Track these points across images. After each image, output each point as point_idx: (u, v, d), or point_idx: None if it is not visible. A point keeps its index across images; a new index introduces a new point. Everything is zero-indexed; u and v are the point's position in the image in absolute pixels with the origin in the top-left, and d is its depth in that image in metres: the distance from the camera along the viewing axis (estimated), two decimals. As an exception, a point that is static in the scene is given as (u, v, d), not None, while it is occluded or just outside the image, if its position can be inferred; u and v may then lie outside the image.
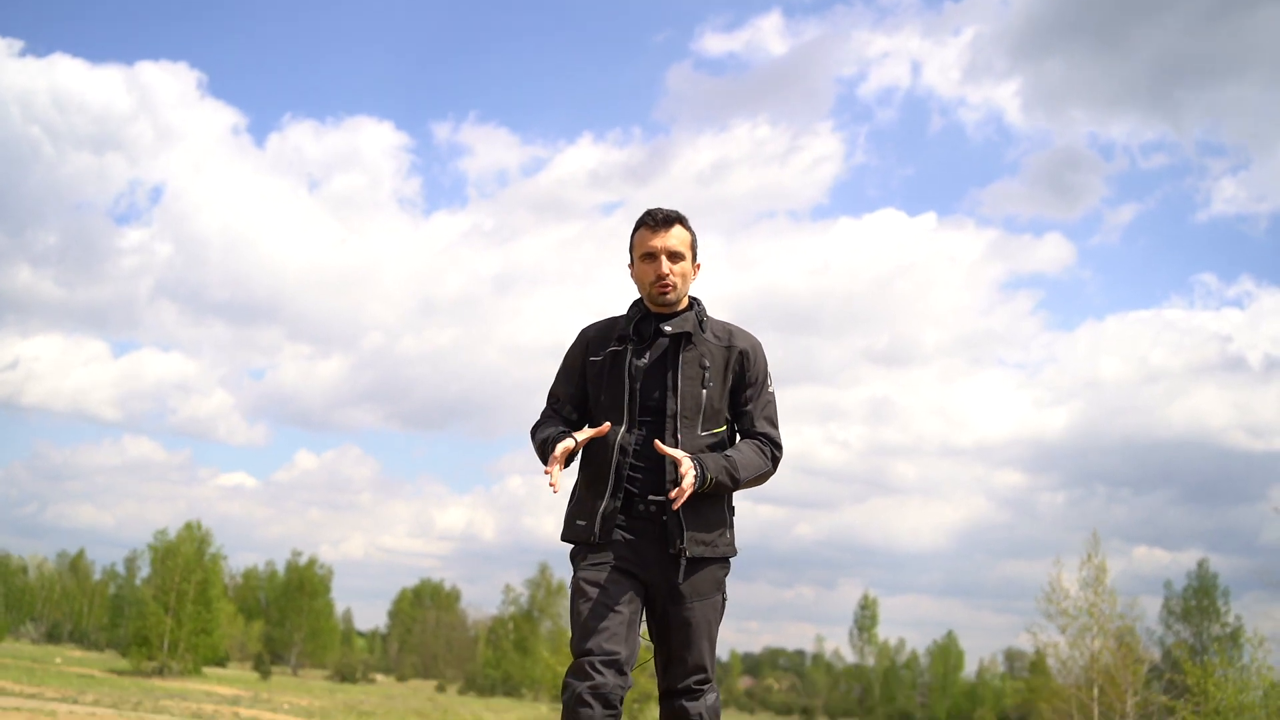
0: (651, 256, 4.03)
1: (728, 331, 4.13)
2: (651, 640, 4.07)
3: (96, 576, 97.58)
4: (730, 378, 4.08)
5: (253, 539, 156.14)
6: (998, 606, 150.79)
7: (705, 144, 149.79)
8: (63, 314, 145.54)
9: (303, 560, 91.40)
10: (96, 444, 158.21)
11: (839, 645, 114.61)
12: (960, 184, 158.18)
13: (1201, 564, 60.33)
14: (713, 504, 4.03)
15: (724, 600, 4.11)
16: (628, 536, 3.97)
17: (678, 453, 3.83)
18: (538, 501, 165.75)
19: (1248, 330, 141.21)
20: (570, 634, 3.96)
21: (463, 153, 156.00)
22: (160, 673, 48.10)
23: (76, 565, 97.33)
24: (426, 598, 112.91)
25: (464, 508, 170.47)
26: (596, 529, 3.94)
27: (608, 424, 4.00)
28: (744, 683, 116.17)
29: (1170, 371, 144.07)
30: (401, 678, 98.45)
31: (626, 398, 3.98)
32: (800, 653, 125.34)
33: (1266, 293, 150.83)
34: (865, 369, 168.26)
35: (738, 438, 4.18)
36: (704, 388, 4.00)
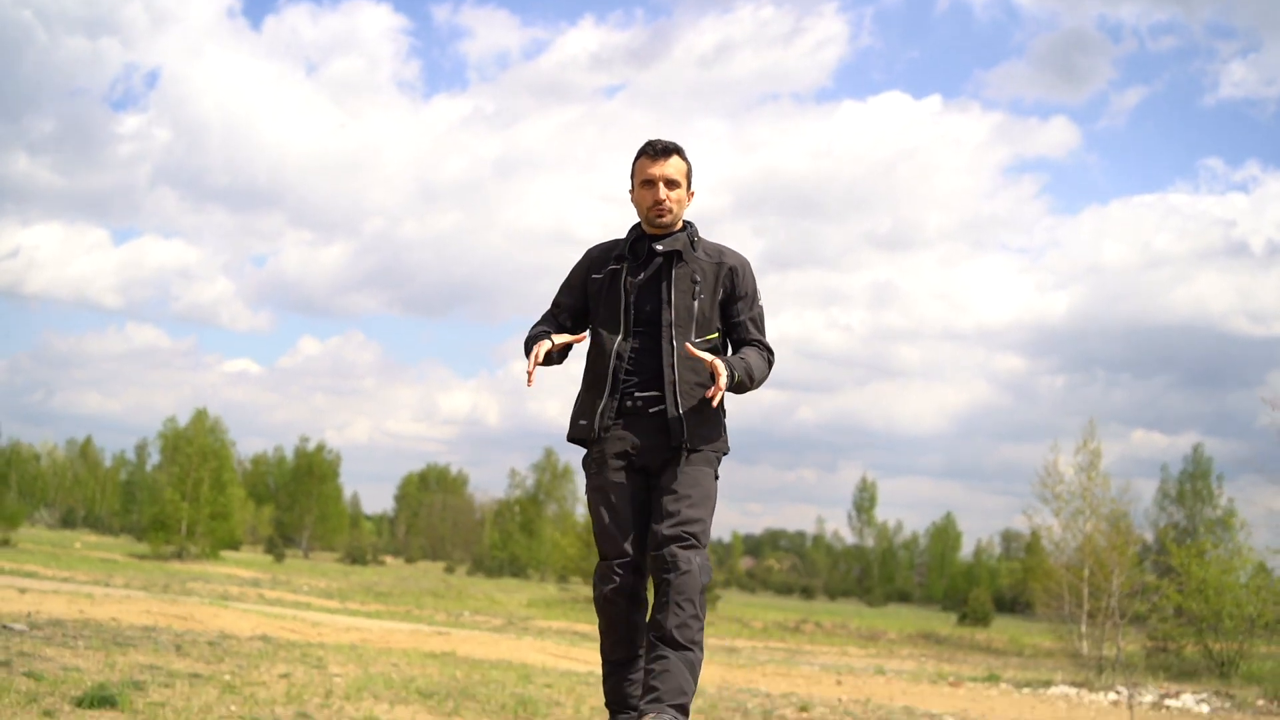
0: (650, 184, 4.43)
1: (718, 250, 4.55)
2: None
3: (106, 464, 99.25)
4: (721, 292, 4.50)
5: (258, 424, 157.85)
6: (996, 489, 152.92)
7: (708, 26, 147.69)
8: (62, 202, 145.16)
9: (311, 446, 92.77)
10: (101, 332, 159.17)
11: (839, 527, 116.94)
12: (965, 66, 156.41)
13: (1197, 448, 61.29)
14: (708, 403, 4.47)
15: (717, 479, 4.56)
16: (630, 434, 4.44)
17: (709, 355, 4.29)
18: (541, 385, 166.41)
19: (1252, 215, 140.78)
20: (595, 536, 4.58)
21: (462, 35, 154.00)
22: (179, 556, 49.59)
23: (86, 452, 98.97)
24: (432, 482, 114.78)
25: (468, 392, 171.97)
26: (596, 426, 4.44)
27: (585, 334, 4.53)
28: (745, 563, 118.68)
29: (1173, 257, 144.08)
30: (410, 560, 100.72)
31: (622, 310, 4.44)
32: (800, 534, 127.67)
33: (1272, 177, 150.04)
34: (868, 253, 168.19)
35: (729, 348, 4.65)
36: (695, 299, 4.43)
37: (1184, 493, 59.88)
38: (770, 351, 4.54)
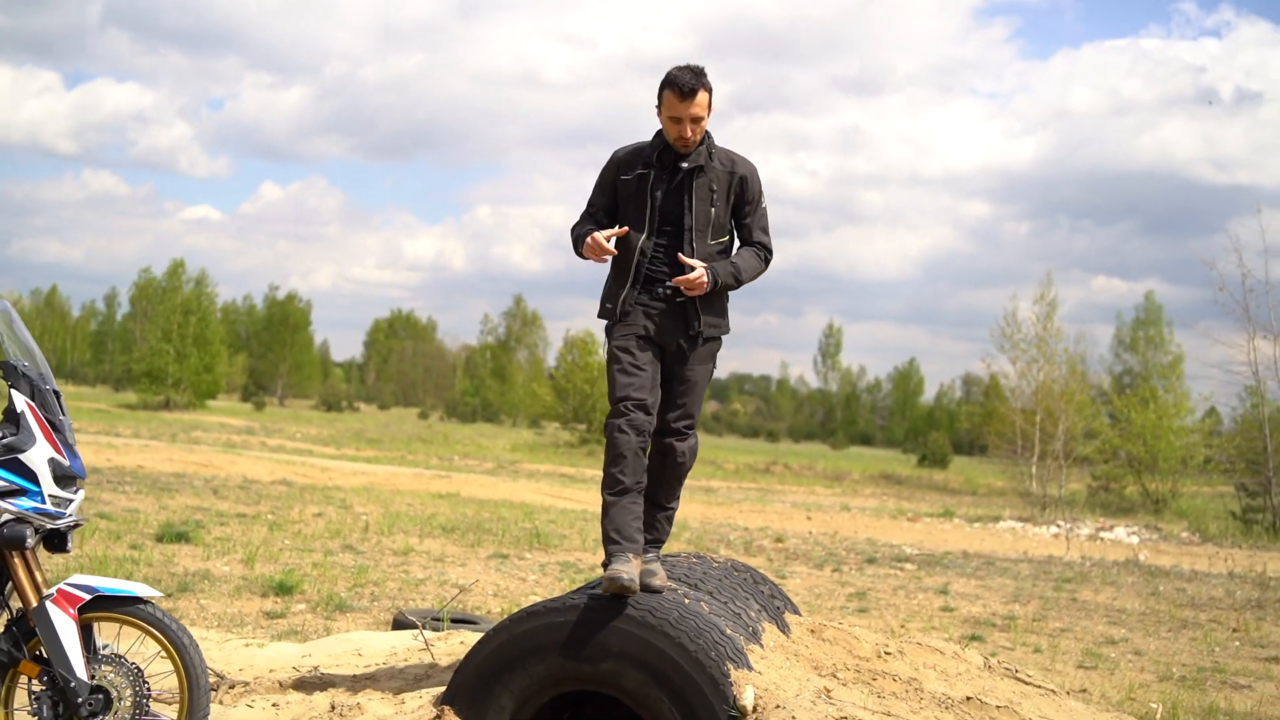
0: (677, 121, 4.81)
1: (730, 159, 4.97)
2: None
3: (74, 313, 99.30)
4: (732, 197, 4.97)
5: (221, 272, 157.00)
6: (958, 334, 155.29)
7: None
8: (9, 44, 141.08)
9: (281, 294, 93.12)
10: (57, 179, 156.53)
11: (803, 371, 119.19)
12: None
13: (1148, 296, 62.59)
14: (720, 295, 5.04)
15: (714, 368, 5.16)
16: (650, 315, 4.93)
17: (695, 261, 4.80)
18: (506, 230, 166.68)
19: (1223, 62, 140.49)
20: (609, 388, 5.13)
21: None
22: (166, 406, 50.94)
23: (52, 302, 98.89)
24: (400, 328, 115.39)
25: (433, 238, 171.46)
26: (618, 310, 4.94)
27: (628, 228, 4.94)
28: (711, 406, 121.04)
29: (1141, 103, 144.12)
30: (384, 406, 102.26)
31: (649, 213, 4.89)
32: (765, 378, 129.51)
33: (1246, 22, 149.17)
34: (835, 97, 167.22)
35: (736, 244, 5.14)
36: (712, 207, 4.90)
37: (1136, 340, 60.41)
38: (767, 250, 5.06)
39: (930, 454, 57.88)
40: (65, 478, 4.47)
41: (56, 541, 4.49)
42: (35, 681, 4.41)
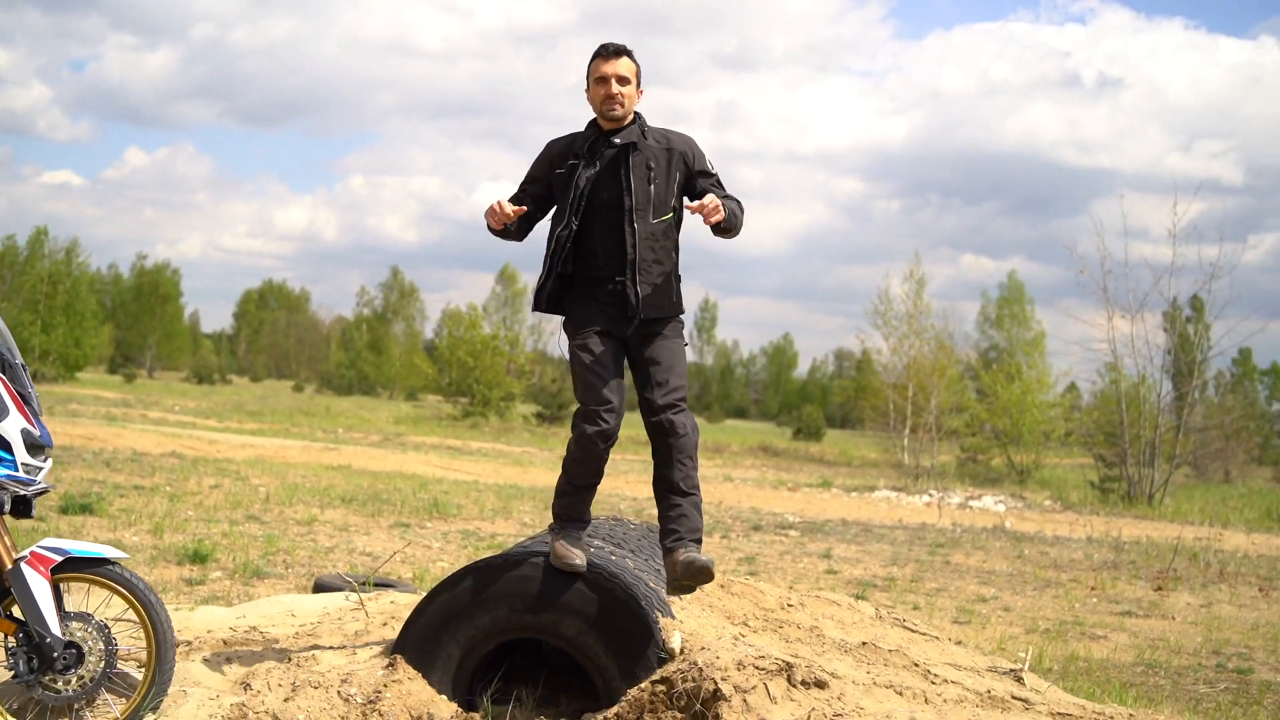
0: (603, 80, 4.81)
1: (665, 136, 4.93)
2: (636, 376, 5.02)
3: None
4: (677, 175, 4.89)
5: (82, 239, 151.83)
6: (831, 309, 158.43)
7: None
8: None
9: (149, 263, 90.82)
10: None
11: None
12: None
13: (1011, 274, 64.90)
14: (666, 274, 4.91)
15: (684, 344, 5.03)
16: (600, 306, 4.87)
17: (707, 198, 4.75)
18: (381, 201, 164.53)
19: (1086, 47, 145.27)
20: (575, 389, 5.14)
21: None
22: (34, 378, 49.45)
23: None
24: (272, 299, 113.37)
25: (305, 207, 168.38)
26: (542, 300, 4.97)
27: (525, 207, 4.91)
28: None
29: (1009, 86, 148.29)
30: (256, 378, 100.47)
31: (573, 203, 4.83)
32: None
33: (1109, 8, 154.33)
34: (713, 72, 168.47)
35: (680, 227, 5.05)
36: (651, 184, 4.81)
37: (1001, 317, 62.28)
38: (738, 203, 4.99)
39: (805, 427, 59.24)
40: (35, 447, 4.74)
41: (21, 508, 4.76)
42: (10, 638, 4.68)
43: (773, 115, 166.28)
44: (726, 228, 4.91)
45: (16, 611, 4.73)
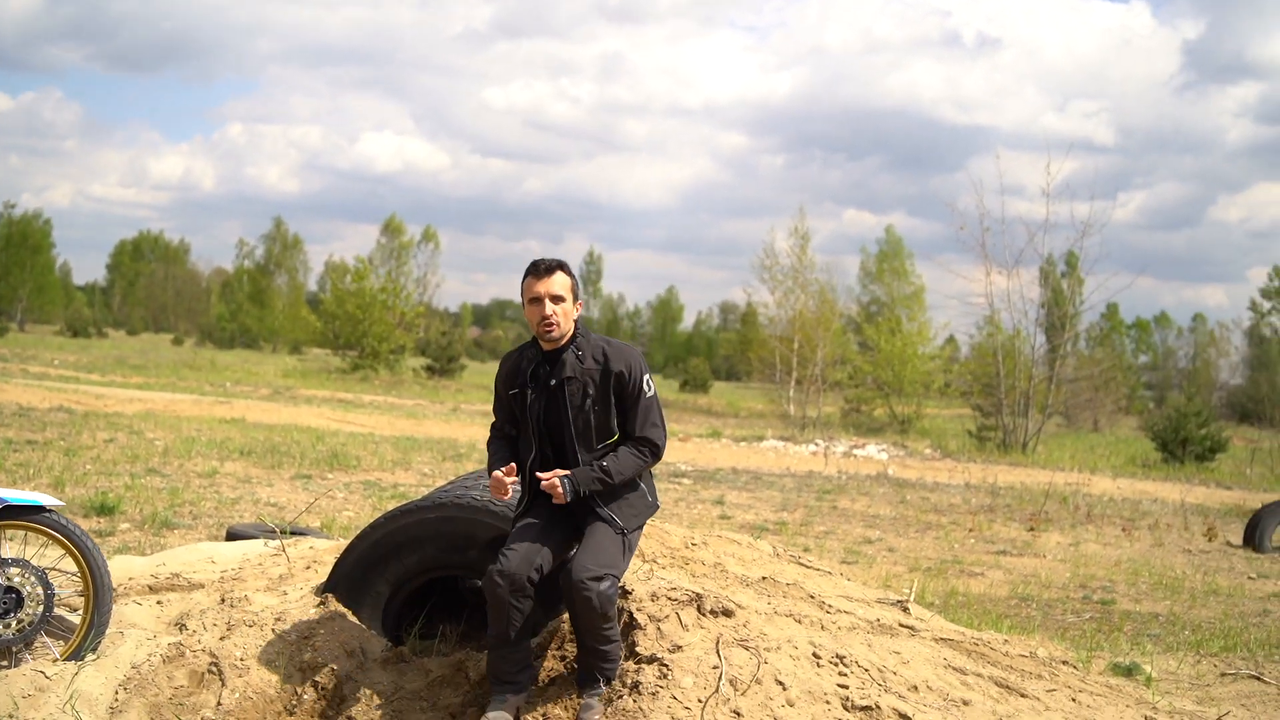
0: (537, 301, 4.66)
1: (604, 354, 4.74)
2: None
3: None
4: (613, 396, 4.72)
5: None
6: (716, 263, 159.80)
7: None
8: None
9: (17, 212, 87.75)
10: None
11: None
12: None
13: (889, 229, 66.09)
14: (621, 491, 4.78)
15: (626, 540, 4.77)
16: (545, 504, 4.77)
17: (548, 475, 4.60)
18: (260, 150, 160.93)
19: (966, 7, 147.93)
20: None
21: None
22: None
23: None
24: (148, 250, 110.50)
25: (181, 156, 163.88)
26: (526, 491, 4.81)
27: (513, 465, 4.74)
28: (472, 333, 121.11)
29: (891, 43, 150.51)
30: (133, 332, 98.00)
31: (532, 429, 4.74)
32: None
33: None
34: (598, 24, 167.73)
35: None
36: (589, 412, 4.68)
37: (881, 271, 63.41)
38: (652, 444, 4.76)
39: (692, 379, 59.98)
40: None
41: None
42: (-50, 585, 4.84)
43: (658, 68, 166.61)
44: (594, 494, 4.72)
45: (-46, 558, 4.89)
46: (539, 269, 4.71)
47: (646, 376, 4.80)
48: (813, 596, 6.10)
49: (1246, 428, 44.59)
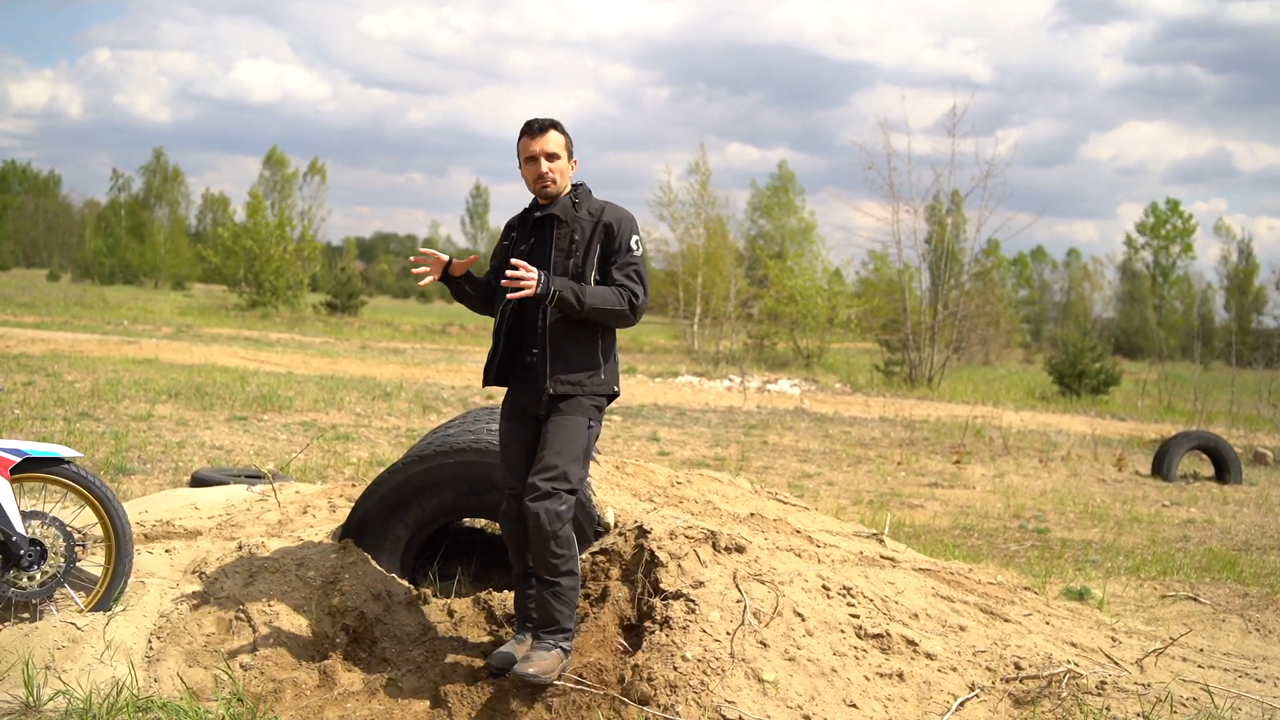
0: (533, 159, 4.62)
1: (600, 208, 4.69)
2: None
3: None
4: (598, 246, 4.62)
5: None
6: (601, 195, 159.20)
7: None
8: None
9: None
10: None
11: (451, 232, 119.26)
12: None
13: (781, 164, 66.60)
14: (581, 348, 4.63)
15: (591, 427, 4.66)
16: (519, 384, 4.69)
17: (522, 263, 4.46)
18: (129, 77, 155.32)
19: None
20: None
21: None
22: None
23: None
24: (15, 182, 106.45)
25: (45, 82, 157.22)
26: (489, 377, 4.73)
27: (473, 258, 4.83)
28: (358, 266, 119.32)
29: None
30: (4, 267, 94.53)
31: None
32: (412, 237, 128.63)
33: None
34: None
35: None
36: (570, 258, 4.60)
37: (771, 205, 63.72)
38: (630, 293, 4.61)
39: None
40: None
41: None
42: (-26, 538, 4.83)
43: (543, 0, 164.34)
44: (563, 303, 4.55)
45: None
46: (532, 128, 4.70)
47: (636, 238, 4.75)
48: (799, 531, 6.38)
49: (1121, 359, 46.42)
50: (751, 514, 6.48)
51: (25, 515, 4.89)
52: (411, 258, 4.95)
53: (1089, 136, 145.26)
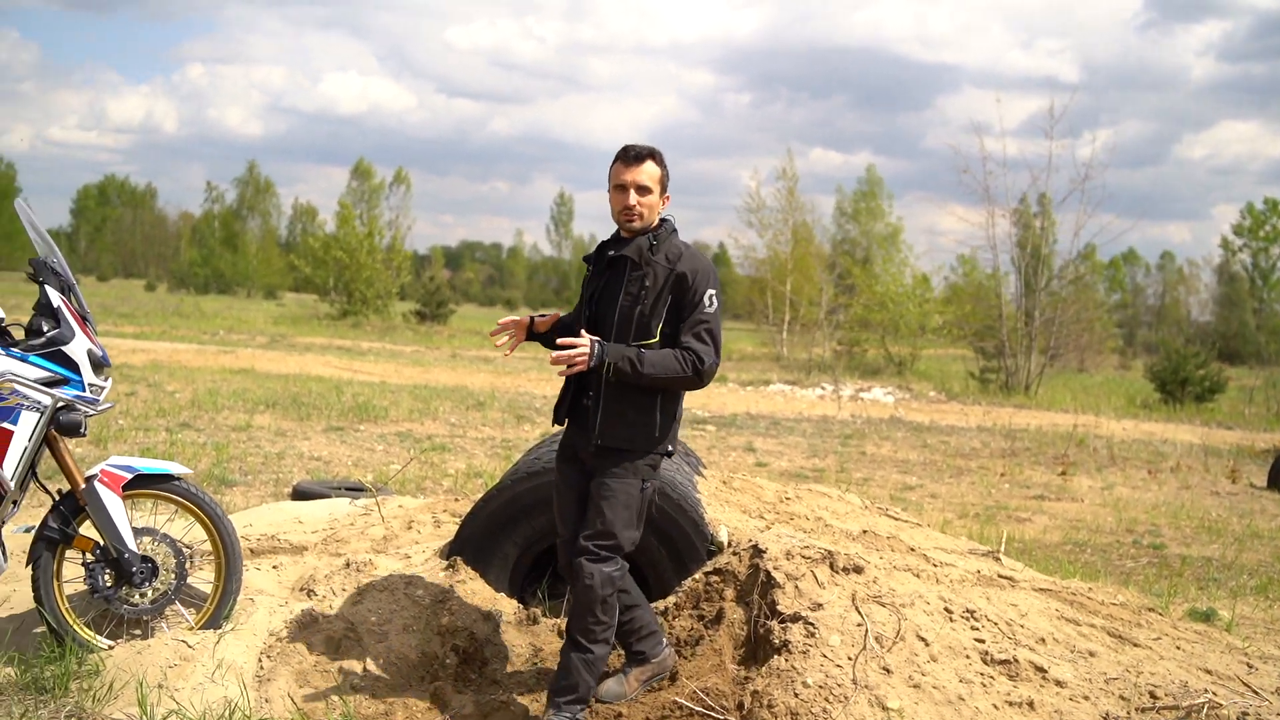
0: (622, 189, 4.36)
1: (679, 255, 4.36)
2: None
3: None
4: (669, 296, 4.30)
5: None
6: (684, 202, 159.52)
7: None
8: None
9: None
10: None
11: (536, 240, 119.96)
12: None
13: (869, 168, 65.96)
14: (638, 406, 4.34)
15: (645, 489, 4.40)
16: (574, 429, 4.49)
17: (569, 340, 4.21)
18: (221, 92, 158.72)
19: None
20: None
21: None
22: (-128, 280, 47.22)
23: None
24: (114, 195, 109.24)
25: (141, 98, 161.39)
26: (557, 417, 4.52)
27: (555, 315, 4.66)
28: (444, 274, 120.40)
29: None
30: (103, 278, 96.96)
31: (583, 309, 4.49)
32: (497, 246, 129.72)
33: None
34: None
35: None
36: (639, 304, 4.29)
37: (859, 210, 62.96)
38: (696, 356, 4.27)
39: (673, 321, 59.64)
40: (98, 366, 4.83)
41: (73, 427, 4.83)
42: (88, 554, 4.80)
43: (623, 7, 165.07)
44: (619, 374, 4.28)
45: (87, 529, 4.85)
46: (628, 155, 4.41)
47: (712, 292, 4.37)
48: (913, 549, 6.16)
49: (1221, 365, 45.22)
50: (864, 531, 6.28)
51: (137, 532, 4.86)
52: (490, 333, 4.76)
53: (1181, 136, 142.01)
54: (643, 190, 4.37)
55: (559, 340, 4.26)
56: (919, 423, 18.20)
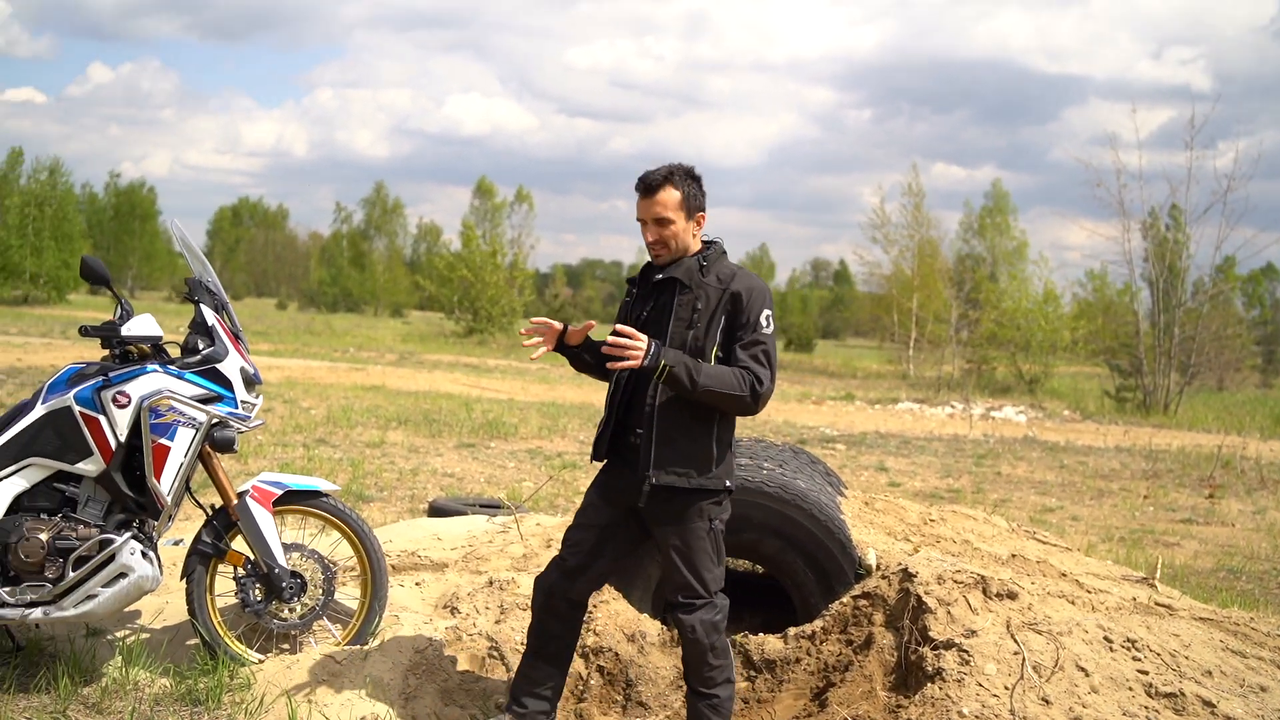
0: (642, 224, 4.14)
1: (731, 275, 4.11)
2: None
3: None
4: (723, 318, 4.06)
5: (48, 157, 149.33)
6: (803, 219, 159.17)
7: None
8: None
9: (122, 181, 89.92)
10: None
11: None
12: None
13: (995, 183, 64.80)
14: (692, 435, 4.07)
15: (713, 529, 4.15)
16: (618, 463, 4.19)
17: (629, 330, 3.95)
18: (350, 115, 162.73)
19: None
20: None
21: None
22: (25, 301, 49.25)
23: None
24: (246, 216, 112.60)
25: (273, 122, 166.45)
26: (597, 452, 4.24)
27: (589, 324, 4.36)
28: (565, 294, 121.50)
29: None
30: (236, 297, 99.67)
31: None
32: (617, 264, 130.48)
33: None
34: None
35: None
36: (691, 329, 4.04)
37: (985, 225, 61.97)
38: (754, 377, 4.00)
39: (796, 339, 59.59)
40: (250, 383, 4.90)
41: (225, 443, 4.90)
42: (239, 569, 4.87)
43: (742, 24, 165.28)
44: (674, 381, 3.97)
45: (237, 543, 4.92)
46: (642, 187, 4.11)
47: (768, 313, 4.10)
48: (1065, 575, 5.94)
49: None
50: (1013, 555, 6.09)
51: (286, 547, 4.92)
52: (522, 330, 4.52)
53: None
54: (662, 223, 4.10)
55: (617, 327, 4.02)
56: (1054, 442, 17.71)
